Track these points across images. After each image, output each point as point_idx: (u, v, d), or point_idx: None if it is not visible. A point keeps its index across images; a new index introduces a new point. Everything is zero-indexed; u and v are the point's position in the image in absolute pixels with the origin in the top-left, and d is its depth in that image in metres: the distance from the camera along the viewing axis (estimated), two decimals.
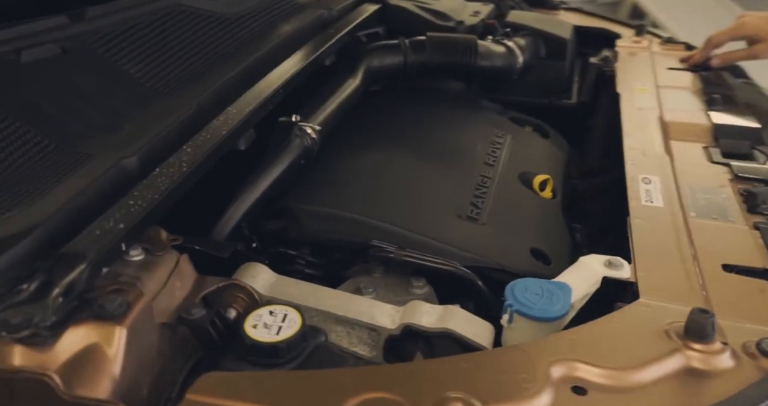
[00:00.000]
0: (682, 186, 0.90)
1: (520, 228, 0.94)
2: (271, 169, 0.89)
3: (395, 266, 0.83)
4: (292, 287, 0.69)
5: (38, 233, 0.54)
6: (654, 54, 1.57)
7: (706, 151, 1.05)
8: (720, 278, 0.68)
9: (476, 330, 0.64)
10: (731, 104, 1.22)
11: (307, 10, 1.35)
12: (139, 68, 0.86)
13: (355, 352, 0.66)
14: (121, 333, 0.49)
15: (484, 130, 1.21)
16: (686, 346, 0.55)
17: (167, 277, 0.60)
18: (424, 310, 0.66)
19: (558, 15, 1.93)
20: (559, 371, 0.52)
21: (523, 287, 0.66)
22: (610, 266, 0.70)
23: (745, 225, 0.79)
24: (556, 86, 1.52)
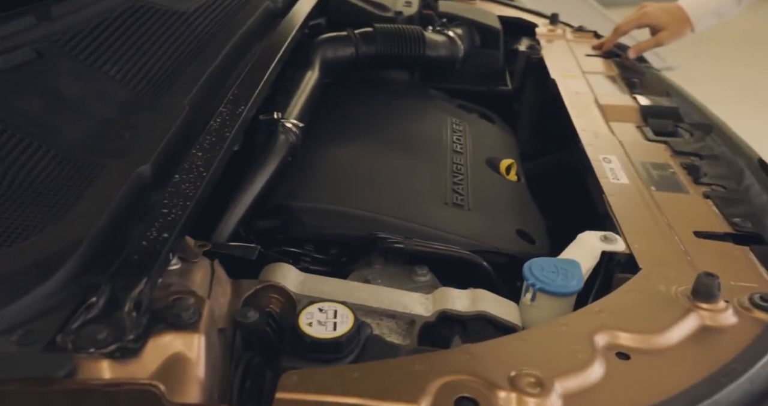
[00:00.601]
0: (635, 163, 0.99)
1: (502, 211, 0.99)
2: (264, 169, 0.88)
3: (394, 257, 0.85)
4: (322, 284, 0.69)
5: (84, 247, 0.51)
6: (569, 42, 1.67)
7: (640, 130, 1.14)
8: (695, 243, 0.76)
9: (506, 310, 0.68)
10: (647, 88, 1.34)
11: (253, 2, 1.32)
12: (116, 69, 0.82)
13: (391, 341, 0.68)
14: (200, 340, 0.48)
15: (442, 119, 1.25)
16: (696, 306, 0.61)
17: (209, 283, 0.58)
18: (455, 295, 0.68)
19: (474, 5, 2.00)
20: (602, 340, 0.56)
21: (540, 266, 0.70)
22: (606, 241, 0.76)
23: (697, 195, 0.89)
24: (492, 74, 1.58)
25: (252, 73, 0.95)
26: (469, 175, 1.05)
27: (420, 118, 1.25)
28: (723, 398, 0.50)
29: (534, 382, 0.50)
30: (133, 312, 0.46)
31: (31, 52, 0.73)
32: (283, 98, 1.07)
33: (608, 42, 1.51)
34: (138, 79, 0.83)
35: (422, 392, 0.49)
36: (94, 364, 0.42)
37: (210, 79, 0.90)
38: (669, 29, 1.48)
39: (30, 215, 0.54)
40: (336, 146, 1.06)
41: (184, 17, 1.06)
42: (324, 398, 0.47)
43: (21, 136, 0.61)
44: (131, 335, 0.45)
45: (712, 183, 0.92)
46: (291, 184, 0.93)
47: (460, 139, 1.18)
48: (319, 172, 0.97)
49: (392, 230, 0.86)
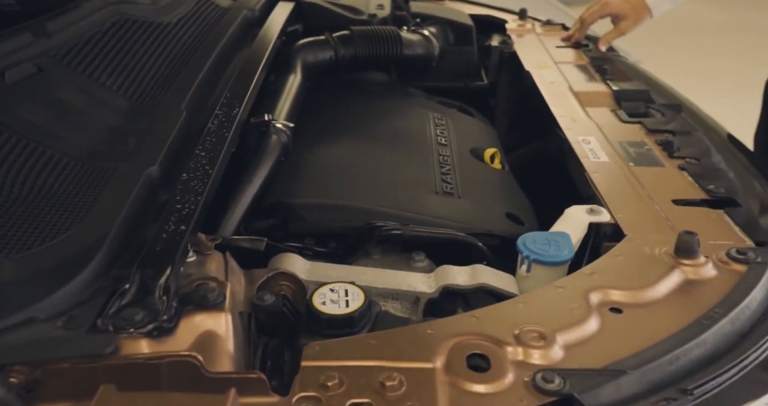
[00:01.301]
0: (613, 143, 1.05)
1: (490, 197, 1.04)
2: (260, 170, 0.92)
3: (391, 246, 0.90)
4: (328, 270, 0.74)
5: (108, 244, 0.55)
6: (539, 35, 1.74)
7: (614, 113, 1.21)
8: (675, 210, 0.82)
9: (504, 282, 0.73)
10: (617, 74, 1.41)
11: (231, 12, 1.36)
12: (113, 80, 0.86)
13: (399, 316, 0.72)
14: (227, 318, 0.52)
15: (424, 115, 1.30)
16: (679, 263, 0.67)
17: (225, 273, 0.62)
18: (455, 272, 0.73)
19: (444, 4, 2.07)
20: (596, 298, 0.62)
21: (532, 240, 0.76)
22: (592, 213, 0.82)
23: (672, 167, 0.95)
24: (468, 70, 1.65)
25: (240, 78, 1.00)
26: (455, 165, 1.11)
27: (403, 115, 1.30)
28: (708, 338, 0.56)
29: (537, 336, 0.55)
30: (163, 296, 0.51)
31: (32, 67, 0.77)
32: (270, 101, 1.11)
33: (577, 34, 1.59)
34: (134, 88, 0.87)
35: (436, 352, 0.53)
36: (134, 342, 0.46)
37: (201, 85, 0.95)
38: (630, 17, 1.56)
39: (54, 217, 0.58)
40: (325, 145, 1.11)
41: (168, 29, 1.11)
42: (346, 363, 0.52)
43: (35, 146, 0.65)
44: (165, 316, 0.49)
45: (686, 156, 0.98)
46: (286, 183, 0.97)
47: (443, 132, 1.23)
48: (311, 171, 1.02)
49: (388, 219, 0.90)
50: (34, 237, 0.54)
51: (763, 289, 0.63)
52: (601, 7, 1.57)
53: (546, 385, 0.49)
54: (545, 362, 0.53)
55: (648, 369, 0.52)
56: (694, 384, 0.51)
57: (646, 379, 0.52)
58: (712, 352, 0.56)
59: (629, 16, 1.55)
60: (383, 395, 0.48)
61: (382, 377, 0.49)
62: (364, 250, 0.88)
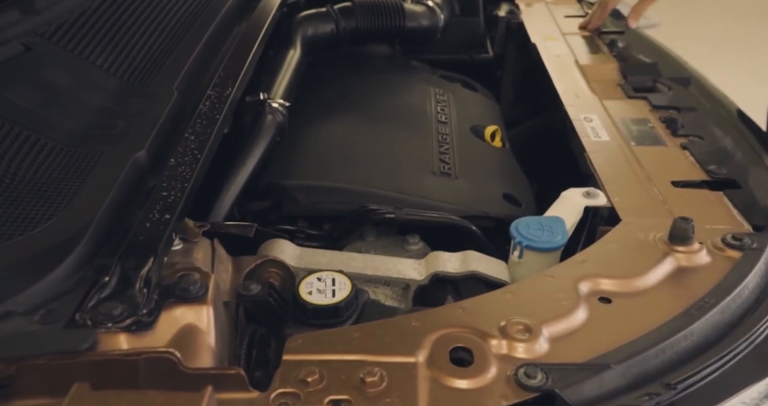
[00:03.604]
0: (616, 120, 1.02)
1: (488, 177, 1.02)
2: (254, 150, 0.90)
3: (386, 228, 0.89)
4: (318, 256, 0.73)
5: (91, 233, 0.55)
6: (548, 4, 1.68)
7: (620, 87, 1.17)
8: (673, 193, 0.80)
9: (495, 268, 0.71)
10: (626, 45, 1.36)
11: None
12: (104, 59, 0.83)
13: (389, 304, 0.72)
14: (208, 311, 0.51)
15: (425, 90, 1.27)
16: (673, 250, 0.65)
17: (211, 261, 0.62)
18: (446, 258, 0.72)
19: None
20: (585, 287, 0.60)
21: (525, 225, 0.74)
22: (588, 197, 0.80)
23: (675, 146, 0.92)
24: (473, 42, 1.60)
25: (236, 55, 0.98)
26: (454, 144, 1.08)
27: (403, 91, 1.27)
28: (696, 329, 0.54)
29: (522, 329, 0.54)
30: (144, 289, 0.50)
31: (18, 46, 0.75)
32: (268, 79, 1.09)
33: (597, 19, 1.45)
34: (125, 67, 0.85)
35: (419, 345, 0.53)
36: (112, 337, 0.46)
37: (195, 63, 0.92)
38: None
39: (36, 204, 0.57)
40: (322, 124, 1.09)
41: (163, 3, 1.08)
42: (328, 357, 0.51)
43: (19, 130, 0.64)
44: (144, 310, 0.48)
45: (690, 134, 0.95)
46: (281, 164, 0.96)
47: (444, 109, 1.21)
48: (307, 151, 1.00)
49: (383, 201, 0.89)
50: (14, 227, 0.54)
51: (756, 276, 0.62)
52: None
53: (528, 380, 0.49)
54: (530, 356, 0.52)
55: (633, 363, 0.51)
56: (677, 378, 0.50)
57: (630, 373, 0.51)
58: (700, 343, 0.55)
59: None
60: (363, 392, 0.47)
61: (363, 373, 0.48)
62: (358, 234, 0.87)
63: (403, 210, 0.85)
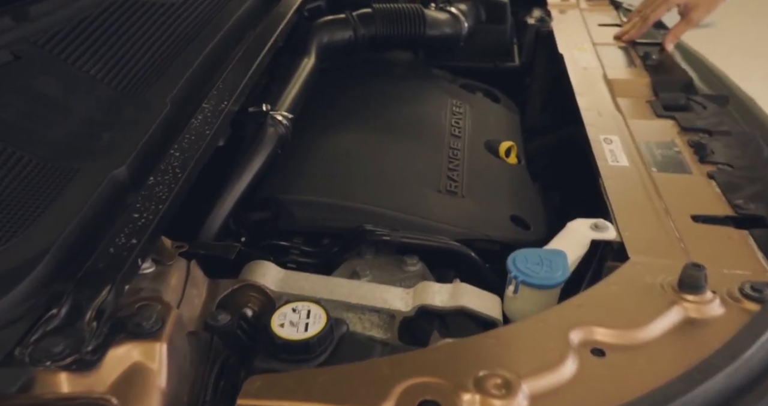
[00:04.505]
0: (639, 143, 0.95)
1: (497, 197, 0.97)
2: (252, 163, 0.88)
3: (385, 247, 0.85)
4: (302, 281, 0.69)
5: (51, 255, 0.52)
6: (583, 11, 1.61)
7: (650, 105, 1.10)
8: (692, 229, 0.74)
9: (486, 304, 0.67)
10: (662, 58, 1.29)
11: None
12: (98, 68, 0.81)
13: (371, 336, 0.68)
14: (161, 349, 0.48)
15: (442, 101, 1.22)
16: (681, 298, 0.59)
17: (183, 286, 0.59)
18: (435, 290, 0.67)
19: None
20: (578, 337, 0.55)
21: (524, 258, 0.69)
22: (596, 229, 0.74)
23: (700, 175, 0.85)
24: (499, 50, 1.54)
25: (238, 65, 0.95)
26: (465, 160, 1.03)
27: (419, 101, 1.23)
28: (697, 396, 0.49)
29: (500, 383, 0.49)
30: (94, 322, 0.47)
31: (6, 54, 0.73)
32: (276, 89, 1.06)
33: (634, 31, 1.36)
34: (121, 76, 0.82)
35: (385, 396, 0.49)
36: (51, 377, 0.43)
37: (196, 72, 0.90)
38: (702, 6, 1.31)
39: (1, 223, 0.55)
40: (330, 135, 1.05)
41: (173, 8, 1.05)
42: (285, 403, 0.48)
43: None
44: (90, 347, 0.45)
45: (719, 162, 0.88)
46: (282, 177, 0.93)
47: (458, 122, 1.16)
48: (310, 163, 0.97)
49: (382, 220, 0.85)
50: None
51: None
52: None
53: None
54: None
55: None
56: None
57: None
58: None
59: (701, 5, 1.31)
60: None
61: None
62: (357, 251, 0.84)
63: (399, 232, 0.81)
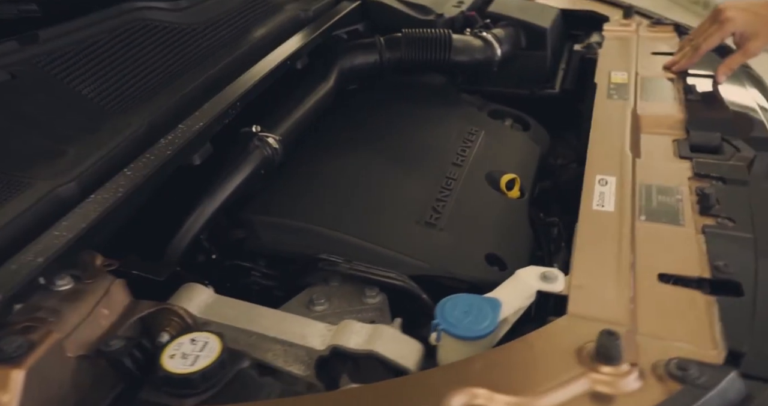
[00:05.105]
0: (639, 187, 0.87)
1: (478, 233, 0.92)
2: (229, 181, 0.89)
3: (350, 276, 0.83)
4: (229, 308, 0.69)
5: None
6: (641, 38, 1.50)
7: (675, 144, 1.00)
8: (653, 289, 0.66)
9: (403, 350, 0.63)
10: (708, 92, 1.17)
11: (282, 12, 1.33)
12: (93, 88, 0.86)
13: (290, 371, 0.66)
14: (17, 377, 0.48)
15: (457, 128, 1.18)
16: (593, 369, 0.53)
17: (93, 306, 0.60)
18: (355, 330, 0.65)
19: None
20: (460, 400, 0.50)
21: (453, 305, 0.65)
22: (544, 279, 0.68)
23: (693, 229, 0.76)
24: (538, 76, 1.48)
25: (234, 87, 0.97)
26: (457, 191, 0.99)
27: (431, 126, 1.20)
28: None
29: None
30: None
31: (4, 74, 0.79)
32: (279, 110, 1.07)
33: (684, 61, 1.24)
34: (112, 97, 0.87)
35: None
36: None
37: (188, 95, 0.92)
38: (761, 35, 1.17)
39: None
40: (328, 159, 1.05)
41: (194, 33, 1.10)
42: None
43: None
44: None
45: (721, 215, 0.78)
46: (263, 197, 0.93)
47: (465, 151, 1.11)
48: (296, 185, 0.97)
49: (344, 248, 0.83)
50: None
51: None
52: (720, 26, 1.19)
53: None
54: None
55: None
56: None
57: None
58: None
59: (760, 34, 1.17)
60: None
61: None
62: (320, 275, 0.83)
63: (353, 263, 0.79)
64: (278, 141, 0.97)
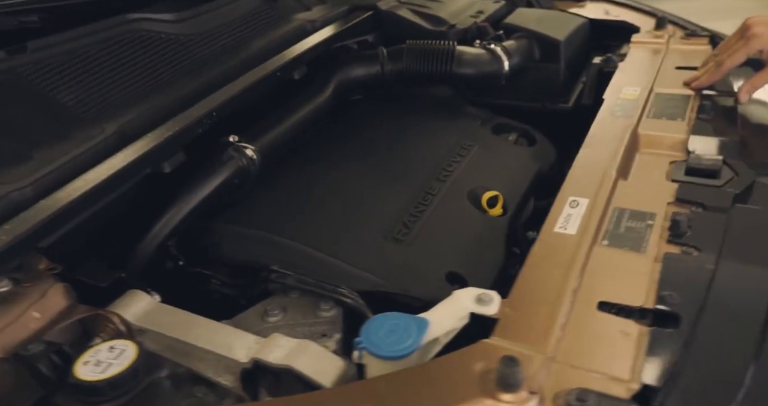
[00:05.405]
0: (611, 210, 0.85)
1: (446, 250, 0.93)
2: (199, 189, 0.92)
3: None
4: (166, 316, 0.72)
5: None
6: (670, 50, 1.47)
7: (674, 166, 0.98)
8: (589, 317, 0.65)
9: (322, 367, 0.64)
10: (723, 112, 1.14)
11: (287, 23, 1.37)
12: (74, 96, 0.92)
13: (219, 381, 0.68)
14: None
15: (450, 142, 1.19)
16: (493, 395, 0.53)
17: (25, 309, 0.64)
18: (280, 344, 0.67)
19: (584, 7, 1.86)
20: None
21: (380, 323, 0.66)
22: (479, 301, 0.68)
23: (653, 257, 0.74)
24: (551, 90, 1.46)
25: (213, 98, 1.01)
26: (432, 207, 1.00)
27: (426, 140, 1.21)
28: None
29: None
30: None
31: None
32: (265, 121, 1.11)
33: (705, 78, 1.21)
34: (91, 105, 0.92)
35: None
36: None
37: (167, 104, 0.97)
38: None
39: None
40: (309, 170, 1.08)
41: (190, 43, 1.15)
42: None
43: None
44: None
45: (688, 244, 0.76)
46: (236, 207, 0.97)
47: (451, 165, 1.12)
48: (269, 196, 1.00)
49: (304, 260, 0.86)
50: None
51: None
52: (748, 42, 1.15)
53: None
54: None
55: None
56: None
57: None
58: None
59: None
60: None
61: None
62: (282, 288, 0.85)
63: (297, 276, 0.81)
64: (256, 151, 1.01)
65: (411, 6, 1.59)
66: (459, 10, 1.61)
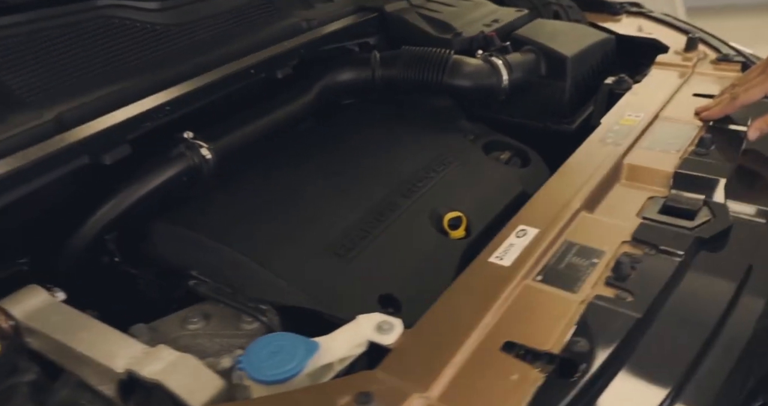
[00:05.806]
0: (558, 243, 0.83)
1: (387, 270, 0.91)
2: (140, 184, 0.93)
3: None
4: (57, 316, 0.72)
5: None
6: (694, 75, 1.41)
7: (652, 202, 0.95)
8: (487, 357, 0.62)
9: (194, 385, 0.64)
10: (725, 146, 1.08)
11: (281, 21, 1.37)
12: (21, 79, 0.92)
13: (101, 390, 0.68)
14: None
15: (430, 156, 1.18)
16: None
17: None
18: (159, 357, 0.66)
19: (619, 22, 1.82)
20: None
21: (265, 343, 0.65)
22: (379, 329, 0.67)
23: (578, 298, 0.71)
24: (556, 108, 1.42)
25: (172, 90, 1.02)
26: (387, 223, 0.99)
27: (403, 152, 1.19)
28: None
29: None
30: None
31: None
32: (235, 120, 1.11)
33: (716, 110, 1.16)
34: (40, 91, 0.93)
35: None
36: None
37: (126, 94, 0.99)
38: None
39: None
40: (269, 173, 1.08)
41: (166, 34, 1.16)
42: None
43: None
44: None
45: (623, 287, 0.73)
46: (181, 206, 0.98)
47: (421, 181, 1.10)
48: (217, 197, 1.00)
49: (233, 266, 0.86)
50: None
51: None
52: (765, 78, 1.10)
53: None
54: None
55: None
56: None
57: None
58: None
59: None
60: None
61: None
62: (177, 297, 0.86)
63: (214, 285, 0.82)
64: (212, 150, 1.02)
65: (422, 10, 1.58)
66: (474, 18, 1.59)
